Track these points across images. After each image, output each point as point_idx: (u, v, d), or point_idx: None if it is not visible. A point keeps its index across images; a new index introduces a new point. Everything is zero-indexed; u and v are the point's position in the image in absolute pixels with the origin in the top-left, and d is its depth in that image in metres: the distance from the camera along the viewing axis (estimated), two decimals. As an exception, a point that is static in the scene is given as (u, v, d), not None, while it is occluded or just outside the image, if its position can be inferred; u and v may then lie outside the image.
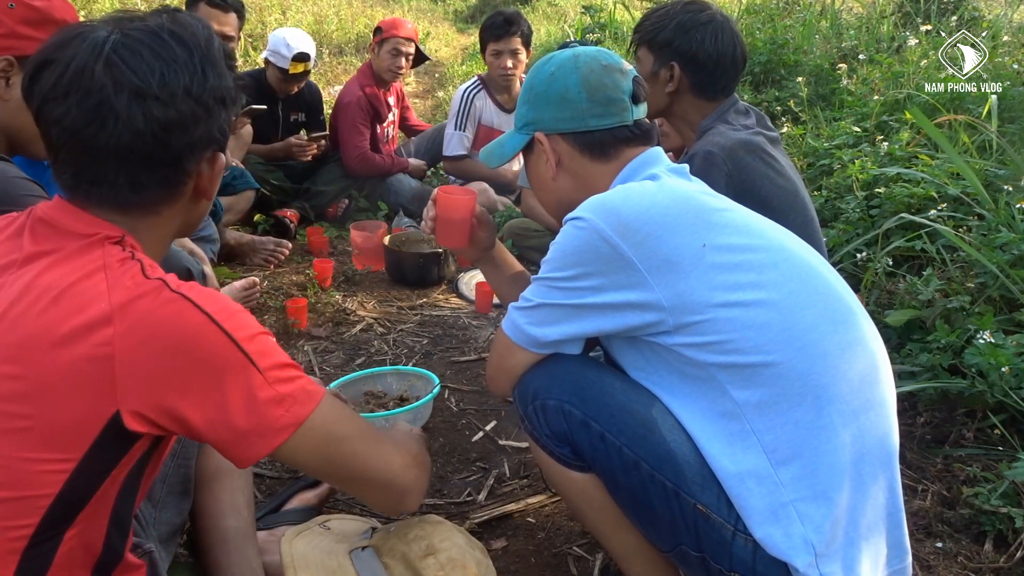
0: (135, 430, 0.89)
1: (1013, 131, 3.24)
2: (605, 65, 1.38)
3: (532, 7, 11.23)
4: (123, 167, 0.95)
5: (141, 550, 1.16)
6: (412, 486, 1.13)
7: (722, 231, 1.21)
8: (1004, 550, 1.66)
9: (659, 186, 1.27)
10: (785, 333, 1.16)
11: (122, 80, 0.92)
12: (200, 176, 1.02)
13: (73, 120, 0.92)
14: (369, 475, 1.07)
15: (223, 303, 0.94)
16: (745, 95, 4.77)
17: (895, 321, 2.24)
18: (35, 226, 0.97)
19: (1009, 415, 1.92)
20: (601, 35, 6.69)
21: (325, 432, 0.99)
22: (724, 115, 1.86)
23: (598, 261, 1.20)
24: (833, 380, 1.16)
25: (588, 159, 1.39)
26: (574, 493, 1.33)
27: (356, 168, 3.90)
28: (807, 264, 1.24)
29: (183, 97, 0.95)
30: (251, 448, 0.95)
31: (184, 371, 0.89)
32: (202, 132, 0.98)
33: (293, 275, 3.30)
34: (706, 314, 1.16)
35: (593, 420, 1.24)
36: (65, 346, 0.86)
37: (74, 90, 0.91)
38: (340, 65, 7.95)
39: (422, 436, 1.39)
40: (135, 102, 0.92)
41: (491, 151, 1.54)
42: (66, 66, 0.92)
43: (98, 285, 0.89)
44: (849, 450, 1.16)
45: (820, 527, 1.13)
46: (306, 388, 0.98)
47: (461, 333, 2.82)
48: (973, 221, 2.57)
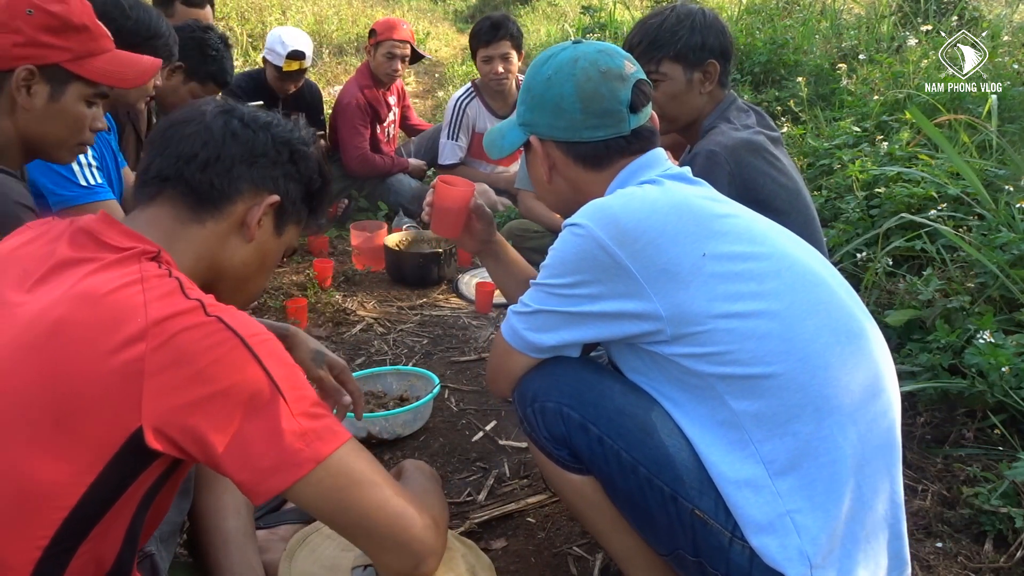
0: (155, 448, 0.88)
1: (1013, 131, 3.24)
2: (603, 72, 1.32)
3: (532, 7, 11.22)
4: (190, 161, 1.05)
5: (142, 552, 1.16)
6: (432, 550, 1.00)
7: (723, 239, 1.19)
8: (1004, 550, 1.66)
9: (661, 191, 1.25)
10: (786, 344, 1.14)
11: (222, 106, 1.10)
12: (249, 209, 1.07)
13: (170, 121, 1.08)
14: (386, 531, 0.97)
15: (257, 330, 0.94)
16: (745, 95, 4.77)
17: (895, 321, 2.24)
18: (76, 235, 1.00)
19: (1009, 415, 1.92)
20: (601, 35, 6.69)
21: (344, 476, 0.94)
22: (725, 113, 1.86)
23: (596, 269, 1.20)
24: (835, 392, 1.15)
25: (581, 168, 1.37)
26: (573, 495, 1.33)
27: (356, 169, 3.90)
28: (811, 272, 1.22)
29: (262, 130, 1.09)
30: (267, 481, 0.91)
31: (211, 394, 0.88)
32: (264, 166, 1.08)
33: (293, 275, 3.30)
34: (705, 325, 1.15)
35: (592, 423, 1.24)
36: (99, 358, 0.87)
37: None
38: (340, 65, 7.94)
39: (435, 480, 1.27)
40: (222, 114, 1.08)
41: (492, 140, 1.51)
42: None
43: (135, 298, 0.90)
44: (850, 462, 1.14)
45: (816, 539, 1.12)
46: (331, 427, 0.95)
47: (461, 333, 2.82)
48: (973, 221, 2.57)
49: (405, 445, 2.10)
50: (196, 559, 1.44)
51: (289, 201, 1.11)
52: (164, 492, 1.00)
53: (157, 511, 1.02)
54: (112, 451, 0.87)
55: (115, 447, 0.87)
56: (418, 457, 2.04)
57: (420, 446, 2.10)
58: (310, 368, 1.58)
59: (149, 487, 0.95)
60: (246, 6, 8.05)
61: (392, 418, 2.05)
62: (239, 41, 7.02)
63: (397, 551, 0.97)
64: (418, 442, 2.12)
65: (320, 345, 1.61)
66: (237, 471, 0.90)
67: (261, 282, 1.17)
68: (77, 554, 0.91)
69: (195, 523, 1.41)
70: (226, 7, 7.89)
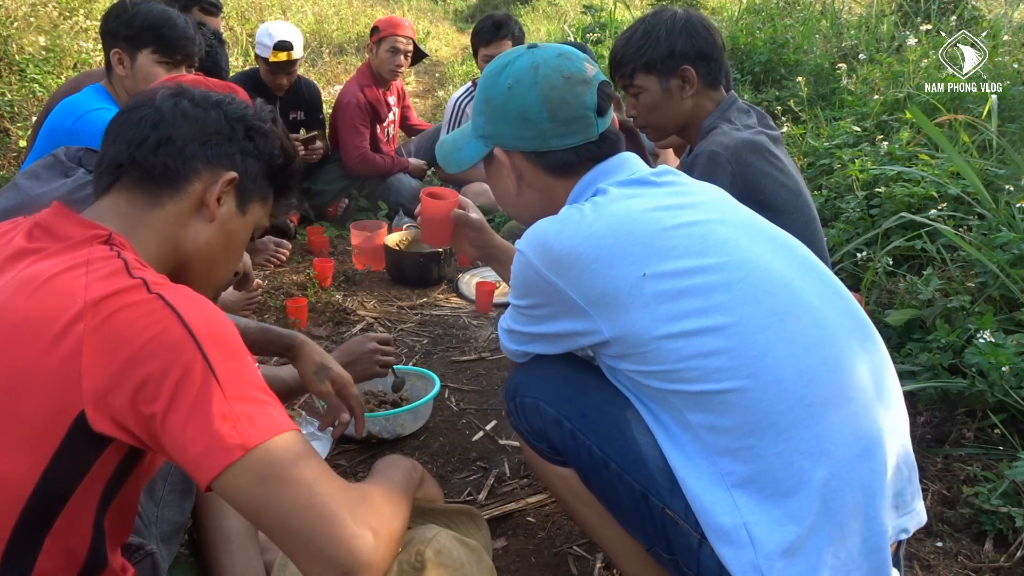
0: (101, 432, 0.86)
1: (1013, 131, 3.24)
2: (567, 77, 1.28)
3: (532, 7, 11.22)
4: (141, 144, 1.04)
5: (143, 551, 1.16)
6: (362, 564, 0.86)
7: (668, 255, 1.14)
8: (1004, 549, 1.66)
9: (598, 211, 1.19)
10: (734, 360, 1.10)
11: (173, 89, 1.08)
12: (208, 189, 1.06)
13: (124, 109, 1.07)
14: (308, 533, 0.85)
15: (203, 311, 0.90)
16: (745, 95, 4.77)
17: (895, 320, 2.24)
18: (32, 229, 0.98)
19: (1009, 414, 1.93)
20: (601, 35, 6.69)
21: (273, 468, 0.85)
22: (726, 113, 1.86)
23: (541, 294, 1.22)
24: (790, 407, 1.09)
25: (551, 177, 1.33)
26: (558, 486, 1.35)
27: (356, 168, 3.90)
28: (772, 280, 1.15)
29: (214, 108, 1.07)
30: (200, 466, 0.84)
31: (147, 375, 0.85)
32: (218, 144, 1.06)
33: (293, 275, 3.30)
34: (648, 346, 1.13)
35: (565, 418, 1.26)
36: (39, 341, 0.85)
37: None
38: (340, 65, 7.94)
39: (406, 484, 1.13)
40: (172, 96, 1.07)
41: (447, 154, 1.43)
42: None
43: (77, 280, 0.89)
44: (816, 478, 1.08)
45: (771, 555, 1.08)
46: (270, 415, 0.88)
47: (461, 333, 2.82)
48: (973, 220, 2.58)
49: (405, 445, 2.10)
50: (198, 558, 1.44)
51: (249, 178, 1.09)
52: (129, 485, 0.98)
53: (125, 504, 1.00)
54: (59, 437, 0.85)
55: (61, 432, 0.85)
56: (418, 457, 2.05)
57: (420, 446, 2.10)
58: (312, 382, 1.56)
59: (109, 478, 0.92)
60: (246, 6, 8.05)
61: (392, 418, 2.05)
62: (239, 41, 7.01)
63: (320, 559, 0.85)
64: (418, 442, 2.12)
65: (326, 358, 1.59)
66: (176, 457, 0.86)
67: (230, 265, 1.14)
68: (43, 548, 0.89)
69: (197, 522, 1.41)
70: (226, 7, 7.87)
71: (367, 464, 2.00)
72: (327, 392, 1.56)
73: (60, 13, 5.43)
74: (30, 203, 1.54)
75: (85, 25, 5.48)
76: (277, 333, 1.61)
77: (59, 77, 4.74)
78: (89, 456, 0.89)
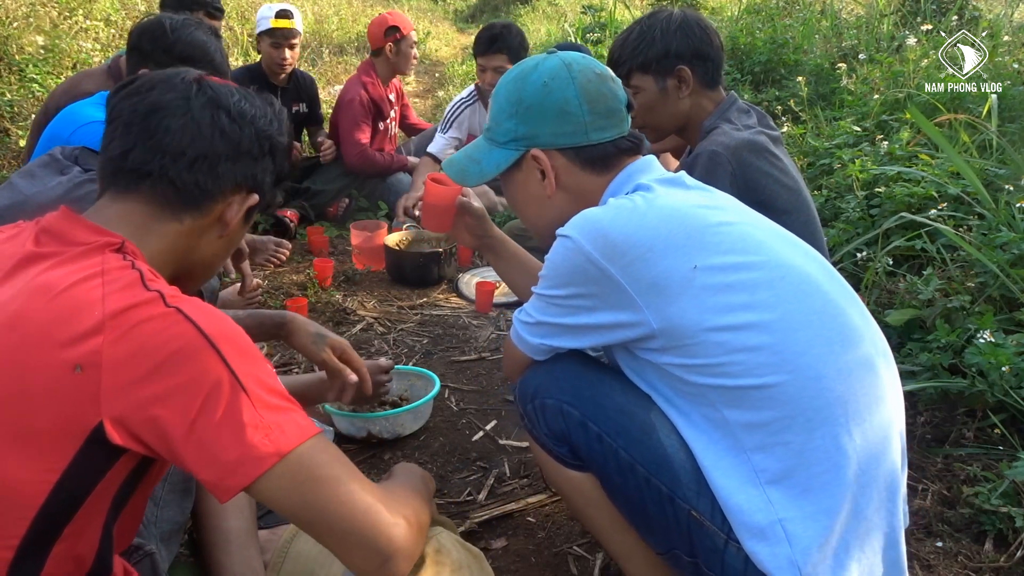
0: (118, 444, 0.87)
1: (1013, 131, 3.24)
2: (599, 73, 1.33)
3: (532, 7, 11.23)
4: (176, 159, 1.02)
5: (142, 551, 1.16)
6: (400, 548, 0.94)
7: (716, 250, 1.17)
8: (1004, 549, 1.66)
9: (649, 203, 1.22)
10: (776, 356, 1.13)
11: (207, 94, 1.05)
12: (229, 206, 1.06)
13: (149, 103, 1.02)
14: (349, 526, 0.92)
15: (220, 322, 0.92)
16: (745, 95, 4.77)
17: (895, 321, 2.24)
18: (40, 233, 0.98)
19: (1009, 414, 1.93)
20: (601, 35, 6.69)
21: (307, 471, 0.90)
22: (726, 113, 1.86)
23: (588, 282, 1.20)
24: (827, 403, 1.13)
25: (588, 173, 1.34)
26: (572, 492, 1.33)
27: (356, 165, 3.90)
28: (807, 280, 1.19)
29: (248, 125, 1.06)
30: (231, 477, 0.87)
31: (170, 388, 0.86)
32: (246, 163, 1.06)
33: (293, 274, 3.30)
34: (696, 338, 1.14)
35: (591, 421, 1.24)
36: (56, 352, 0.85)
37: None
38: (340, 64, 7.94)
39: (423, 484, 1.25)
40: (209, 107, 1.03)
41: (464, 168, 1.42)
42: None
43: (93, 291, 0.89)
44: (846, 472, 1.12)
45: (807, 549, 1.11)
46: (296, 421, 0.92)
47: (461, 333, 2.82)
48: (973, 220, 2.58)
49: (405, 445, 2.10)
50: (197, 558, 1.44)
51: (263, 193, 1.11)
52: (139, 492, 0.98)
53: (133, 510, 1.00)
54: (75, 447, 0.86)
55: (77, 443, 0.86)
56: (418, 457, 2.05)
57: (420, 446, 2.10)
58: (312, 352, 1.58)
59: (120, 486, 0.93)
60: (246, 6, 8.04)
61: (392, 418, 2.05)
62: (239, 41, 7.01)
63: (362, 548, 0.93)
64: (418, 442, 2.12)
65: (319, 327, 1.61)
66: (201, 467, 0.88)
67: (221, 265, 1.17)
68: (52, 554, 0.89)
69: (197, 522, 1.41)
70: (226, 7, 7.88)
71: (367, 464, 2.00)
72: (328, 359, 1.57)
73: (59, 13, 5.44)
74: (25, 202, 1.53)
75: (85, 25, 5.48)
76: (267, 315, 1.64)
77: (58, 77, 4.74)
78: (103, 466, 0.89)
